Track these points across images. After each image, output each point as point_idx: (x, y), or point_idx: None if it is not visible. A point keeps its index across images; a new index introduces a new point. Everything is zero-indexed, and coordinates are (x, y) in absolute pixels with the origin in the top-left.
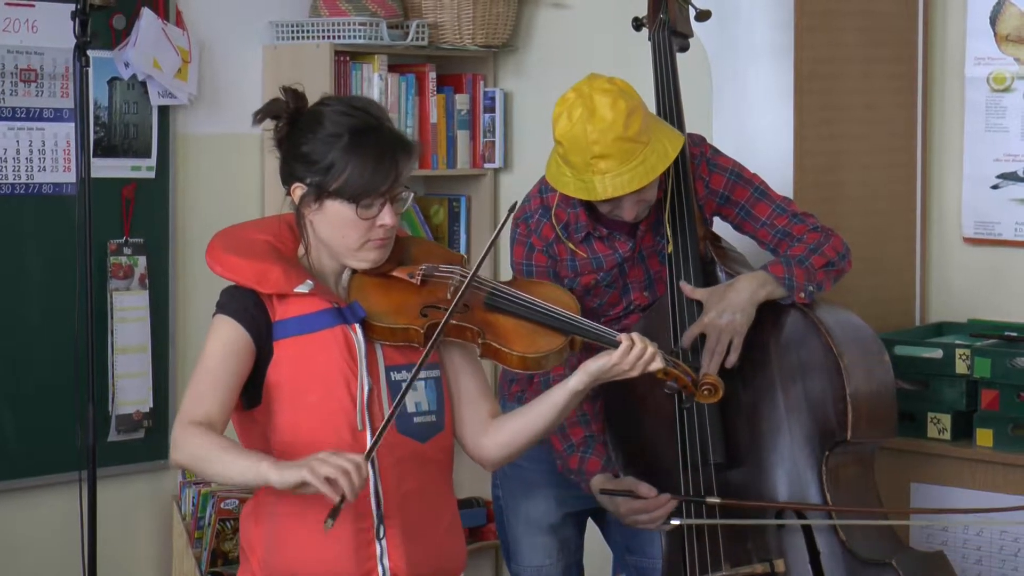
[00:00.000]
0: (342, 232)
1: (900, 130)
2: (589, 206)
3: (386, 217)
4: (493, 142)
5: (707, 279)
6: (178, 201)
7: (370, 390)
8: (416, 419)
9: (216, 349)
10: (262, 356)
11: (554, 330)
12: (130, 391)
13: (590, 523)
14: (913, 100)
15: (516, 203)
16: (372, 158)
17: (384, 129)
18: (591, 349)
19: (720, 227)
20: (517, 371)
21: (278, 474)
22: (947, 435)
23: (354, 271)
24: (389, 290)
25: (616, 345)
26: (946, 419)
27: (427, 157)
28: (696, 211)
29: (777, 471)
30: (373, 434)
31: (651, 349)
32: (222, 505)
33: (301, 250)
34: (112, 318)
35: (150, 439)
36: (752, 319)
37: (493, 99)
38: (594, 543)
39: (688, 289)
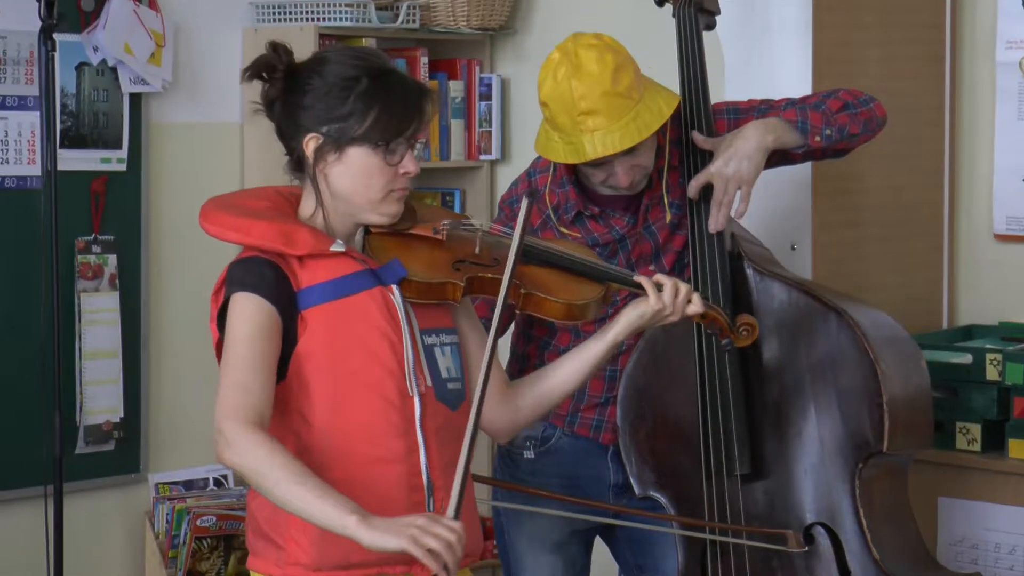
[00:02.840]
0: (366, 182)
1: (925, 119)
2: (579, 185)
3: (409, 164)
4: (489, 132)
5: (735, 275)
6: (151, 195)
7: (413, 353)
8: (450, 385)
9: (246, 332)
10: (287, 329)
11: (589, 279)
12: (99, 399)
13: (597, 541)
14: (940, 86)
15: (535, 190)
16: (399, 99)
17: (399, 72)
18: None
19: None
20: (559, 321)
21: (369, 535)
22: (977, 446)
23: (367, 232)
24: (413, 248)
25: (657, 290)
26: (976, 429)
27: None
28: None
29: (806, 484)
30: (420, 399)
31: (685, 287)
32: (198, 522)
33: (304, 213)
34: (80, 321)
35: (121, 451)
36: (761, 168)
37: (490, 86)
38: (599, 561)
39: (700, 139)
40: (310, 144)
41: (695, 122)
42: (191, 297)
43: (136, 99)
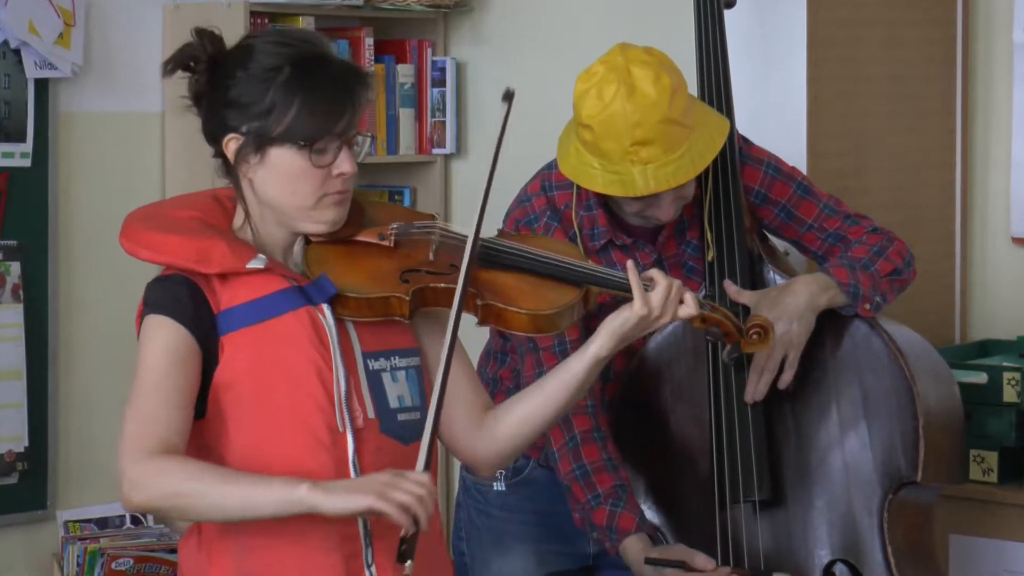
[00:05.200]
0: (293, 187)
1: (935, 108)
2: (609, 208)
3: (344, 164)
4: (443, 123)
5: (754, 280)
6: (60, 194)
7: (347, 383)
8: (400, 416)
9: (157, 359)
10: (206, 357)
11: (564, 282)
12: (1, 426)
13: None
14: (951, 71)
15: (512, 91)
16: (322, 91)
17: (332, 58)
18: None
19: None
20: (527, 335)
21: (328, 499)
22: (993, 476)
23: (308, 241)
24: (356, 258)
25: (645, 290)
26: (992, 457)
27: None
28: (744, 200)
29: (827, 515)
30: (354, 435)
31: (677, 284)
32: (113, 565)
33: (237, 222)
34: None
35: (26, 485)
36: (811, 329)
37: (443, 70)
38: None
39: (734, 291)
40: (230, 145)
41: None
42: (106, 310)
43: (42, 85)
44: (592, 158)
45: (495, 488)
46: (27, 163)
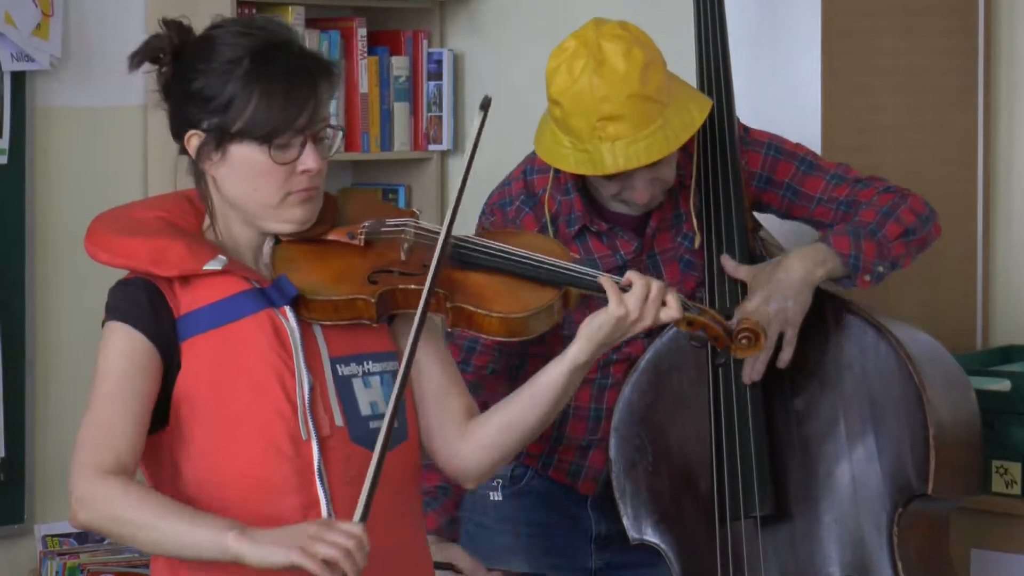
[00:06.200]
0: (255, 184)
1: (955, 101)
2: (586, 194)
3: (309, 159)
4: (440, 117)
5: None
6: (38, 193)
7: (311, 389)
8: (372, 424)
9: (113, 368)
10: (168, 365)
11: (541, 282)
12: None
13: None
14: (971, 63)
15: (489, 99)
16: (282, 83)
17: (294, 47)
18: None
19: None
20: (501, 339)
21: (252, 549)
22: (1017, 488)
23: (277, 241)
24: (325, 257)
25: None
26: (1015, 468)
27: (356, 137)
28: (744, 196)
29: (835, 531)
30: (319, 444)
31: (657, 285)
32: None
33: (206, 223)
34: None
35: (2, 497)
36: (808, 305)
37: (440, 63)
38: None
39: (731, 266)
40: (192, 141)
41: (713, 118)
42: (85, 314)
43: (19, 79)
44: (563, 136)
45: (492, 498)
46: (3, 160)
